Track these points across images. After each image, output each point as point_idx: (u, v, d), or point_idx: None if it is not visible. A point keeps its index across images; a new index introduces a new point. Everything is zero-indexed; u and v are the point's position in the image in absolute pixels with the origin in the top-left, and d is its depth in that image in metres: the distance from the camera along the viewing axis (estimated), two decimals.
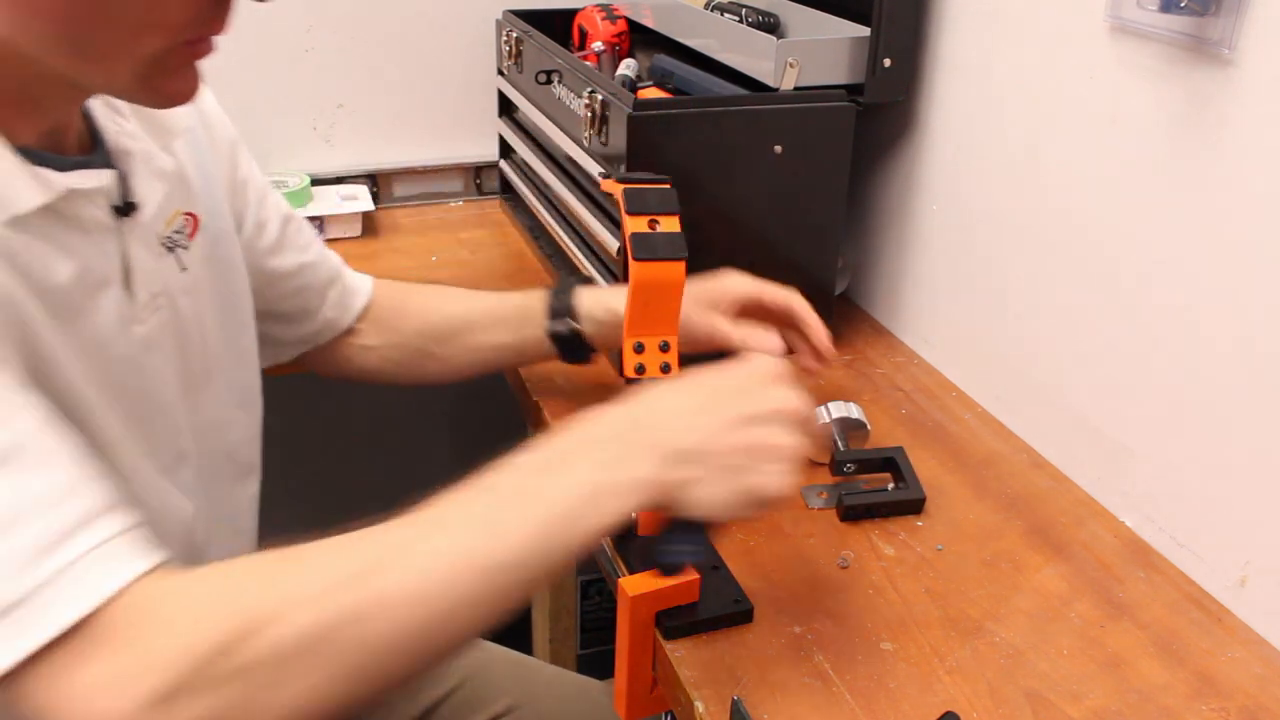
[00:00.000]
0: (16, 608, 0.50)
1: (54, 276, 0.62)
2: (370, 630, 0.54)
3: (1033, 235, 1.01)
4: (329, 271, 0.97)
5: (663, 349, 0.83)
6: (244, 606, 0.52)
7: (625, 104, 1.03)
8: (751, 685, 0.73)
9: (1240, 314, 0.79)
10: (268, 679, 0.52)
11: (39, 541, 0.51)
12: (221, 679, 0.51)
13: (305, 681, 0.53)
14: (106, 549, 0.53)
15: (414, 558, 0.56)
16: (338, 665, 0.53)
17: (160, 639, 0.51)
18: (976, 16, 1.06)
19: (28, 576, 0.50)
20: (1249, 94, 0.77)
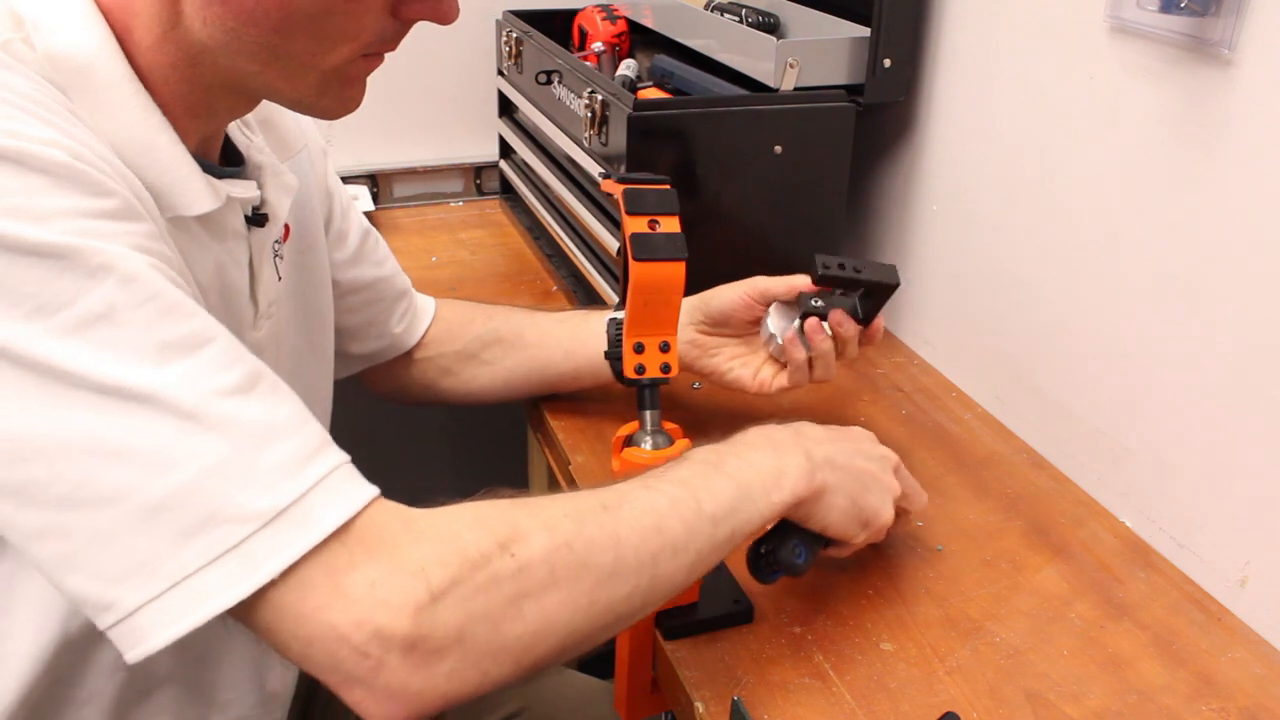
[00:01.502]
0: (285, 512, 0.52)
1: (201, 274, 0.66)
2: (605, 558, 0.59)
3: (1033, 235, 1.01)
4: (399, 289, 0.98)
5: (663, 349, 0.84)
6: (497, 524, 0.56)
7: (625, 104, 1.03)
8: (751, 685, 0.73)
9: (1240, 313, 0.79)
10: (519, 590, 0.55)
11: (295, 455, 0.54)
12: (480, 586, 0.54)
13: (551, 598, 0.56)
14: (346, 469, 0.55)
15: (640, 501, 0.63)
16: (577, 587, 0.57)
17: (425, 546, 0.54)
18: (976, 17, 1.06)
19: (292, 484, 0.53)
20: (1249, 94, 0.77)
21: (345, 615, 0.51)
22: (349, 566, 0.52)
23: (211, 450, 0.51)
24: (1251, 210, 0.78)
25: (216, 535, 0.51)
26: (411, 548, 0.54)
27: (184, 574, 0.50)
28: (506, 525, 0.56)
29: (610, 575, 0.59)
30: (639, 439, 0.82)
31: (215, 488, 0.51)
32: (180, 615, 0.50)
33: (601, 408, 1.05)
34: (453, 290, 1.34)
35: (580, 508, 0.60)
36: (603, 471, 0.95)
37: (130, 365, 0.51)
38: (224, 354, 0.55)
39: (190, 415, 0.52)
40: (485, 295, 1.32)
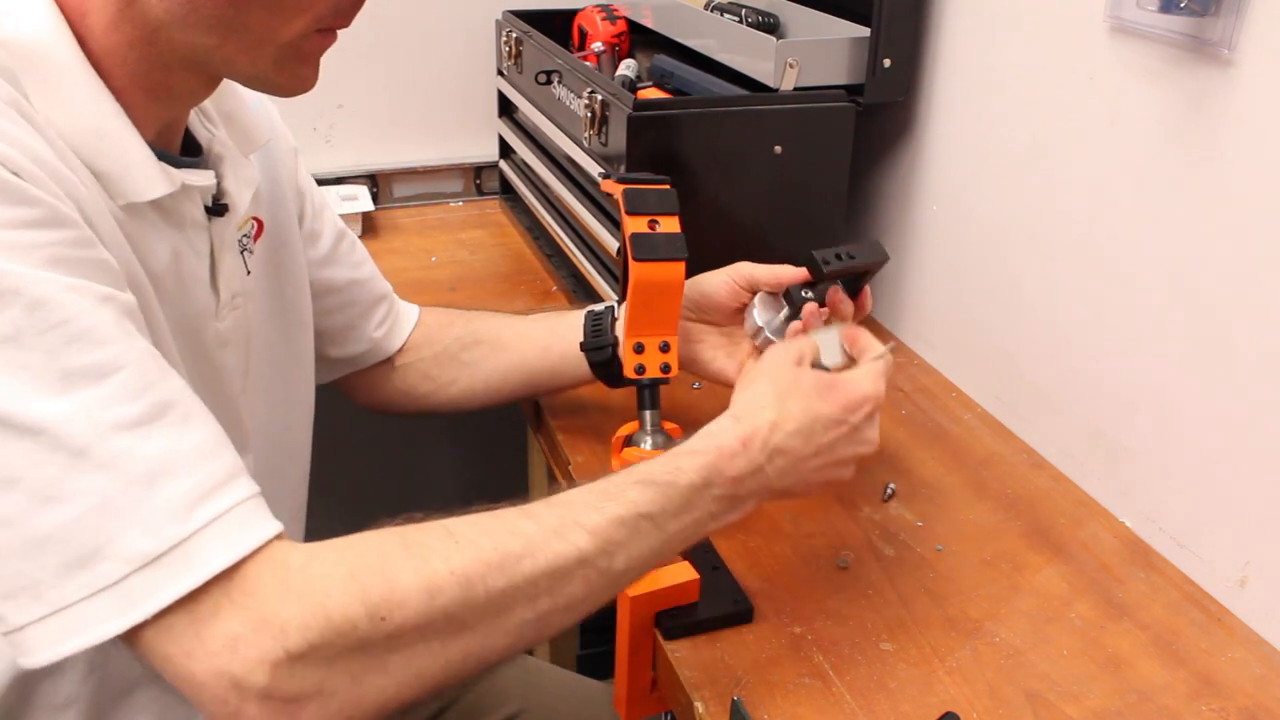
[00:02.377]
0: (163, 557, 0.52)
1: (156, 263, 0.66)
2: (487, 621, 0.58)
3: (1033, 235, 1.01)
4: (378, 293, 0.97)
5: (663, 349, 0.84)
6: (373, 584, 0.55)
7: (625, 104, 1.03)
8: (751, 685, 0.73)
9: (1240, 313, 0.79)
10: (387, 649, 0.55)
11: (187, 496, 0.54)
12: (342, 650, 0.54)
13: (421, 657, 0.56)
14: (243, 509, 0.55)
15: (547, 555, 0.60)
16: (450, 646, 0.57)
17: (290, 605, 0.53)
18: (976, 17, 1.06)
19: (176, 527, 0.53)
20: (1249, 94, 0.77)
21: (204, 665, 0.52)
22: (213, 617, 0.53)
23: (98, 488, 0.52)
24: (1252, 210, 0.78)
25: (97, 571, 0.52)
26: (278, 604, 0.53)
27: (65, 603, 0.52)
28: (383, 586, 0.55)
29: (489, 635, 0.58)
30: (639, 439, 0.82)
31: (100, 525, 0.52)
32: (62, 640, 0.52)
33: (601, 408, 1.05)
34: (453, 290, 1.34)
35: (475, 562, 0.58)
36: (603, 471, 0.95)
37: (28, 394, 0.52)
38: (132, 383, 0.54)
39: (81, 452, 0.52)
40: (485, 295, 1.32)
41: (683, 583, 0.77)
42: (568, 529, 0.61)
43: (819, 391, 0.73)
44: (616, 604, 0.77)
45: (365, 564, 0.56)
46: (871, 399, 0.75)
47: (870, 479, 0.97)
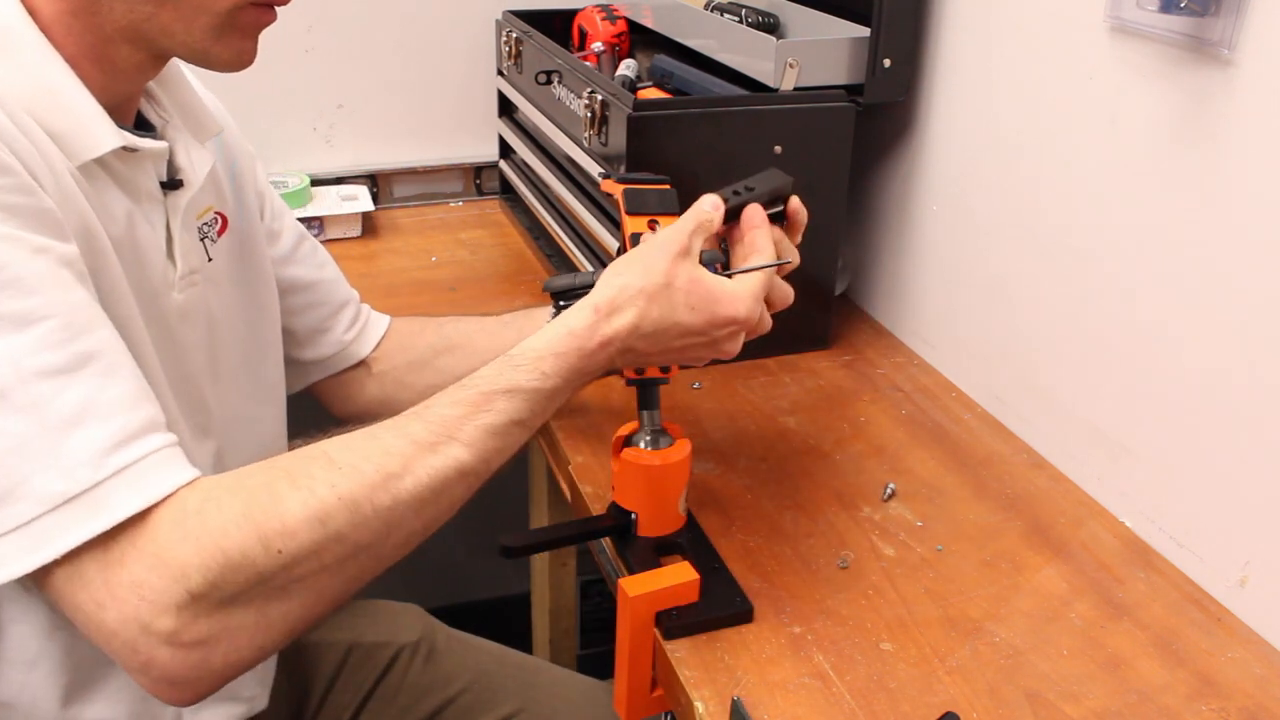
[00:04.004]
0: (75, 500, 0.54)
1: (113, 226, 0.67)
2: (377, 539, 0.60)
3: (1033, 235, 1.01)
4: (343, 296, 0.98)
5: None
6: (265, 518, 0.57)
7: (625, 104, 1.03)
8: (751, 685, 0.73)
9: (1240, 313, 0.79)
10: (285, 579, 0.57)
11: (103, 443, 0.55)
12: (242, 585, 0.56)
13: (318, 580, 0.59)
14: (157, 457, 0.57)
15: (426, 470, 0.62)
16: (345, 567, 0.59)
17: (188, 547, 0.55)
18: (976, 17, 1.06)
19: (90, 471, 0.55)
20: (1249, 94, 0.77)
21: (114, 613, 0.54)
22: (120, 564, 0.54)
23: (16, 431, 0.54)
24: (1252, 210, 0.78)
25: (9, 511, 0.53)
26: (177, 548, 0.55)
27: None
28: (273, 519, 0.57)
29: (381, 547, 0.61)
30: (639, 439, 0.82)
31: (15, 466, 0.54)
32: None
33: (601, 408, 1.05)
34: (453, 290, 1.34)
35: (360, 486, 0.60)
36: (603, 471, 0.95)
37: None
38: (58, 332, 0.56)
39: (3, 393, 0.54)
40: (485, 295, 1.32)
41: (683, 583, 0.77)
42: (444, 444, 0.63)
43: (689, 301, 0.72)
44: (617, 604, 0.77)
45: (256, 501, 0.58)
46: (740, 322, 0.74)
47: (870, 479, 0.97)
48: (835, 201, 1.13)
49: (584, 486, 0.94)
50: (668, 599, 0.77)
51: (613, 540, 0.85)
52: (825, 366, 1.17)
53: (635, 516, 0.83)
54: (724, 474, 0.97)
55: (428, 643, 1.02)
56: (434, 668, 1.01)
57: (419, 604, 1.08)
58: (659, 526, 0.84)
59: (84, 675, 0.72)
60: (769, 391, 1.11)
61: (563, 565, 1.44)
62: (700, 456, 0.98)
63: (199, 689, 0.57)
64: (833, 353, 1.19)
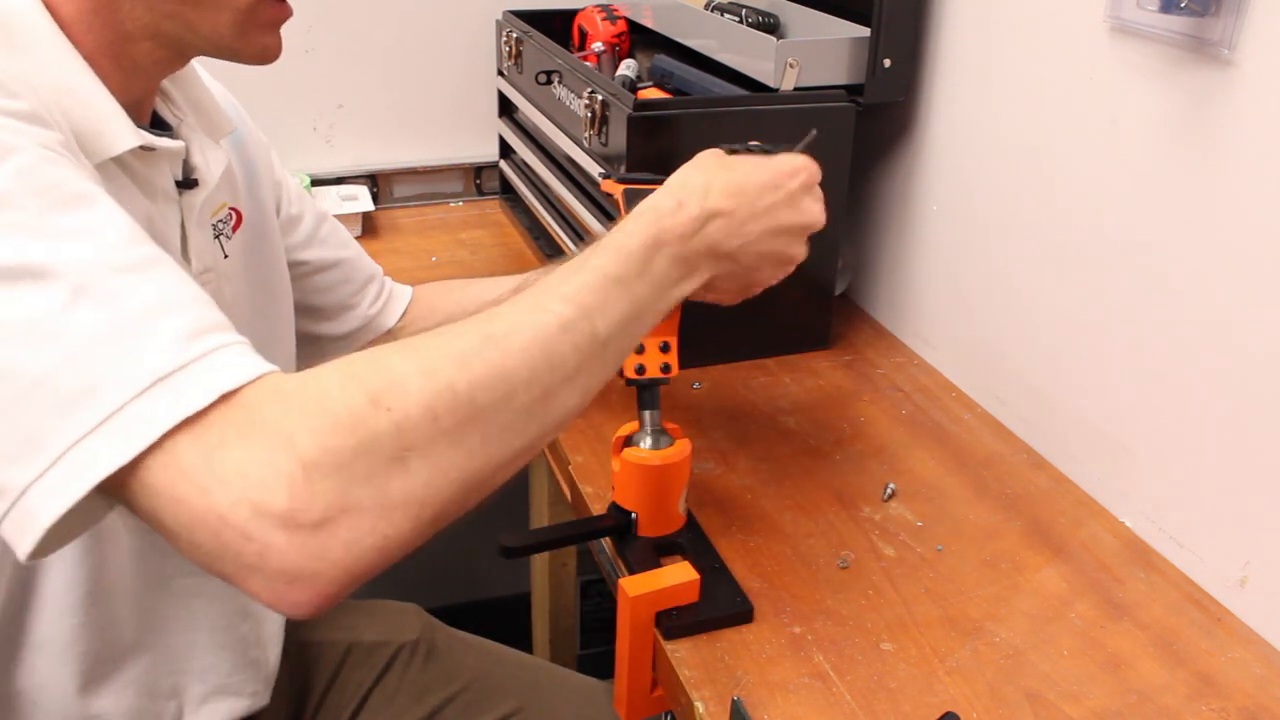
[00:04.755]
0: (165, 380, 0.50)
1: None
2: (493, 397, 0.55)
3: (1033, 235, 1.01)
4: (368, 271, 1.00)
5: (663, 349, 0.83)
6: (369, 376, 0.53)
7: (625, 104, 1.03)
8: (751, 685, 0.73)
9: (1240, 313, 0.79)
10: (400, 445, 0.52)
11: (186, 329, 0.52)
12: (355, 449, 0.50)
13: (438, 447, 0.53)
14: (239, 347, 0.53)
15: (529, 328, 0.59)
16: (464, 433, 0.54)
17: (291, 415, 0.50)
18: (976, 16, 1.06)
19: (176, 353, 0.51)
20: (1249, 94, 0.77)
21: (221, 496, 0.48)
22: (221, 444, 0.49)
23: (96, 320, 0.51)
24: (1252, 210, 0.78)
25: (97, 403, 0.49)
26: (279, 419, 0.50)
27: (67, 444, 0.48)
28: (379, 376, 0.53)
29: (499, 414, 0.55)
30: (639, 439, 0.82)
31: (100, 355, 0.50)
32: (62, 490, 0.48)
33: (601, 408, 1.05)
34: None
35: (463, 345, 0.56)
36: (603, 471, 0.95)
37: (22, 245, 0.51)
38: (124, 237, 0.54)
39: (79, 288, 0.51)
40: None
41: (683, 583, 0.77)
42: (544, 301, 0.61)
43: (749, 166, 0.75)
44: (617, 604, 0.77)
45: (359, 364, 0.54)
46: (803, 168, 0.77)
47: (870, 479, 0.97)
48: (835, 201, 1.12)
49: (584, 486, 0.94)
50: (668, 599, 0.77)
51: (613, 540, 0.85)
52: (825, 366, 1.17)
53: (635, 516, 0.83)
54: (724, 474, 0.97)
55: (427, 642, 1.02)
56: (433, 667, 1.01)
57: (419, 604, 1.08)
58: (659, 526, 0.84)
59: (103, 664, 0.72)
60: (769, 391, 1.11)
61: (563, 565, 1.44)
62: (700, 456, 0.98)
63: (320, 586, 0.50)
64: (833, 353, 1.20)
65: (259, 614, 0.84)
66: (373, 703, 0.98)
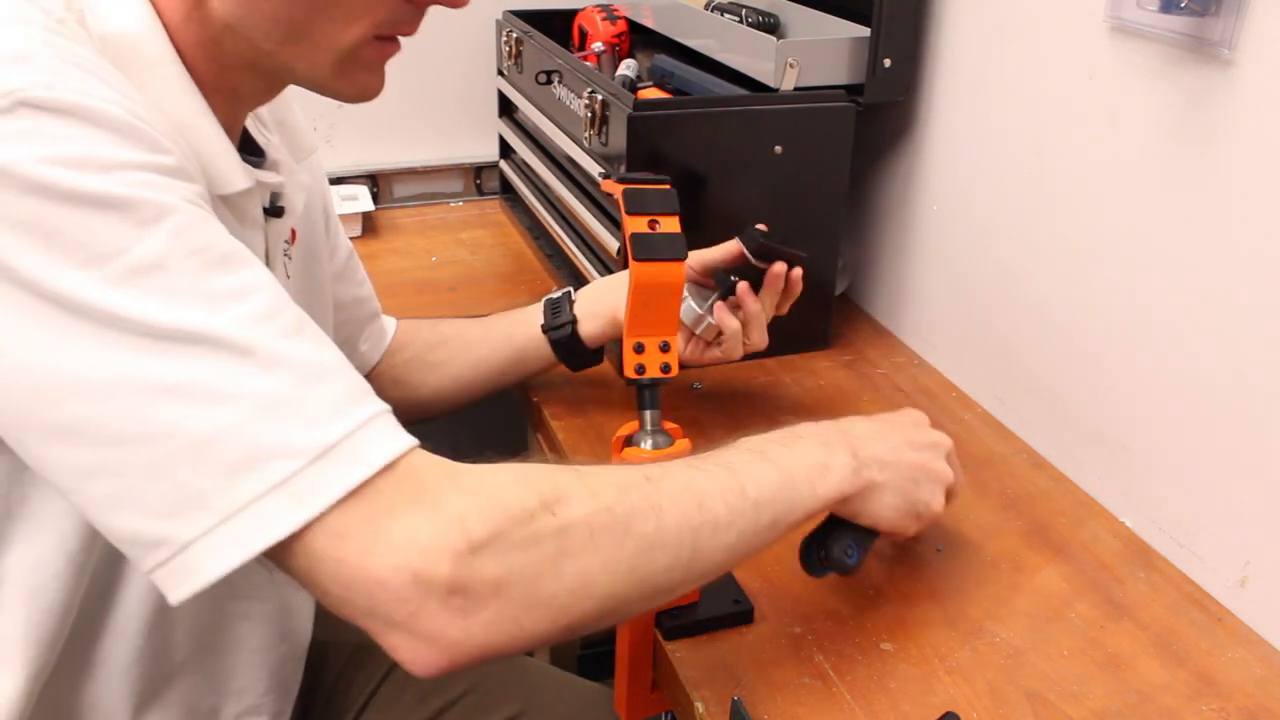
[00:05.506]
0: (334, 449, 0.52)
1: None
2: (646, 527, 0.59)
3: (1033, 235, 1.01)
4: (372, 311, 0.99)
5: (663, 349, 0.84)
6: (541, 484, 0.56)
7: (625, 104, 1.03)
8: (751, 685, 0.73)
9: (1240, 314, 0.79)
10: (559, 548, 0.55)
11: (343, 395, 0.54)
12: (520, 542, 0.54)
13: (591, 559, 0.56)
14: (389, 416, 0.56)
15: (683, 477, 0.63)
16: (617, 552, 0.57)
17: (465, 497, 0.54)
18: (976, 16, 1.06)
19: (342, 421, 0.53)
20: (1249, 94, 0.77)
21: (385, 560, 0.51)
22: (389, 512, 0.52)
23: (264, 386, 0.52)
24: (1252, 210, 0.78)
25: (268, 469, 0.51)
26: (453, 497, 0.54)
27: (235, 507, 0.51)
28: (550, 485, 0.56)
29: (651, 544, 0.59)
30: (639, 439, 0.82)
31: (267, 423, 0.52)
32: (230, 549, 0.51)
33: (601, 408, 1.05)
34: (453, 290, 1.34)
35: (623, 478, 0.60)
36: None
37: (186, 309, 0.52)
38: (273, 301, 0.55)
39: (245, 352, 0.52)
40: (485, 295, 1.32)
41: None
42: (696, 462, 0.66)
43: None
44: None
45: (531, 471, 0.57)
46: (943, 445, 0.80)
47: None
48: (835, 201, 1.13)
49: None
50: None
51: None
52: (825, 366, 1.17)
53: None
54: None
55: None
56: None
57: None
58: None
59: (155, 685, 0.72)
60: (769, 391, 1.11)
61: None
62: None
63: (453, 656, 0.53)
64: (833, 353, 1.20)
65: (297, 636, 0.83)
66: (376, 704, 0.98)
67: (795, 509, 0.68)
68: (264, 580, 0.77)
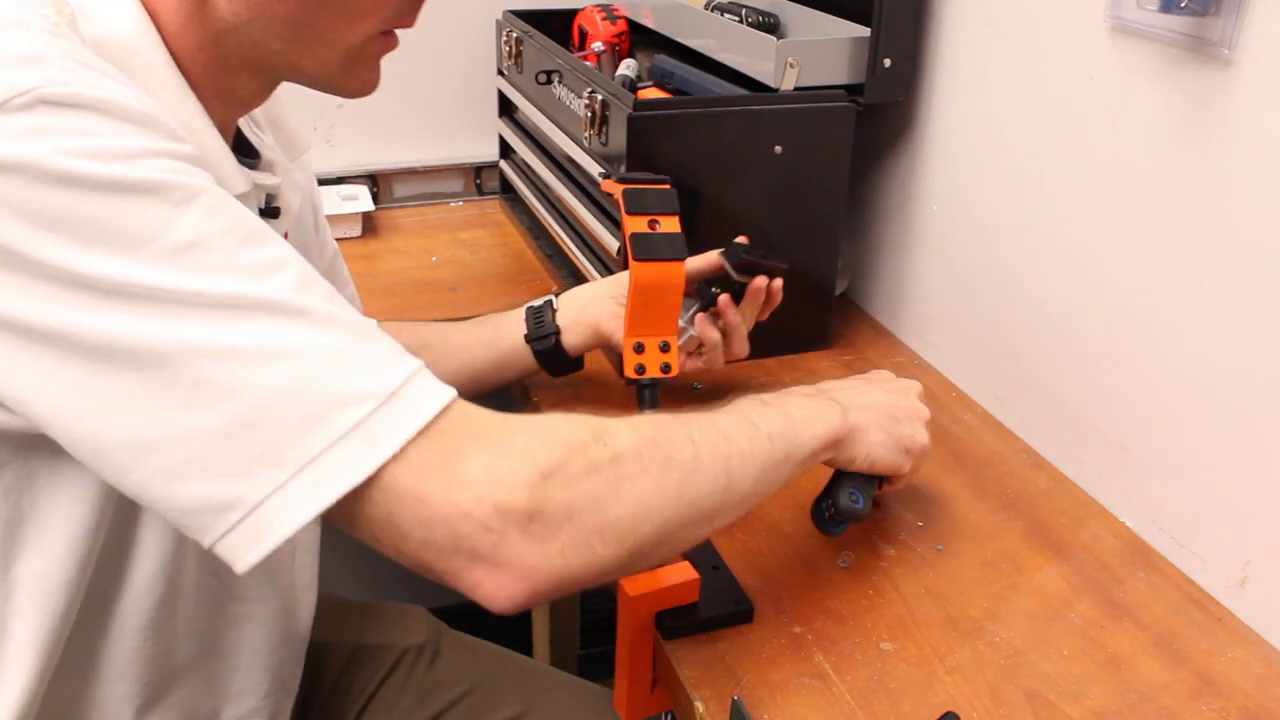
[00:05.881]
0: (398, 393, 0.54)
1: None
2: (685, 454, 0.63)
3: (1033, 235, 1.01)
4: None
5: (663, 349, 0.84)
6: (588, 421, 0.60)
7: (625, 104, 1.03)
8: (751, 685, 0.73)
9: (1240, 313, 0.79)
10: (616, 475, 0.59)
11: (390, 349, 0.56)
12: (583, 469, 0.57)
13: (645, 483, 0.60)
14: (429, 370, 0.58)
15: (704, 419, 0.67)
16: (666, 477, 0.61)
17: (526, 433, 0.57)
18: (976, 16, 1.06)
19: (397, 370, 0.55)
20: (1249, 94, 0.77)
21: (466, 493, 0.53)
22: (459, 449, 0.54)
23: (324, 341, 0.54)
24: (1252, 210, 0.78)
25: (337, 417, 0.52)
26: (515, 435, 0.56)
27: (308, 458, 0.52)
28: (595, 422, 0.60)
29: (691, 469, 0.63)
30: None
31: (331, 373, 0.53)
32: (305, 501, 0.52)
33: (601, 408, 1.04)
34: (453, 290, 1.34)
35: (654, 419, 0.65)
36: None
37: (230, 282, 0.53)
38: (304, 272, 0.57)
39: (298, 312, 0.54)
40: (485, 295, 1.32)
41: (683, 583, 0.77)
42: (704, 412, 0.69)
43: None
44: (617, 604, 0.77)
45: (568, 415, 0.60)
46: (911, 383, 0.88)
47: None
48: (835, 201, 1.13)
49: None
50: (668, 599, 0.77)
51: None
52: (825, 366, 1.17)
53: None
54: None
55: (432, 646, 1.02)
56: (438, 670, 1.01)
57: (424, 603, 1.08)
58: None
59: (156, 688, 0.72)
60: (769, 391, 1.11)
61: None
62: None
63: (534, 583, 0.55)
64: (833, 352, 1.20)
65: (298, 638, 0.84)
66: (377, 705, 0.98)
67: (800, 445, 0.72)
68: (265, 582, 0.78)
